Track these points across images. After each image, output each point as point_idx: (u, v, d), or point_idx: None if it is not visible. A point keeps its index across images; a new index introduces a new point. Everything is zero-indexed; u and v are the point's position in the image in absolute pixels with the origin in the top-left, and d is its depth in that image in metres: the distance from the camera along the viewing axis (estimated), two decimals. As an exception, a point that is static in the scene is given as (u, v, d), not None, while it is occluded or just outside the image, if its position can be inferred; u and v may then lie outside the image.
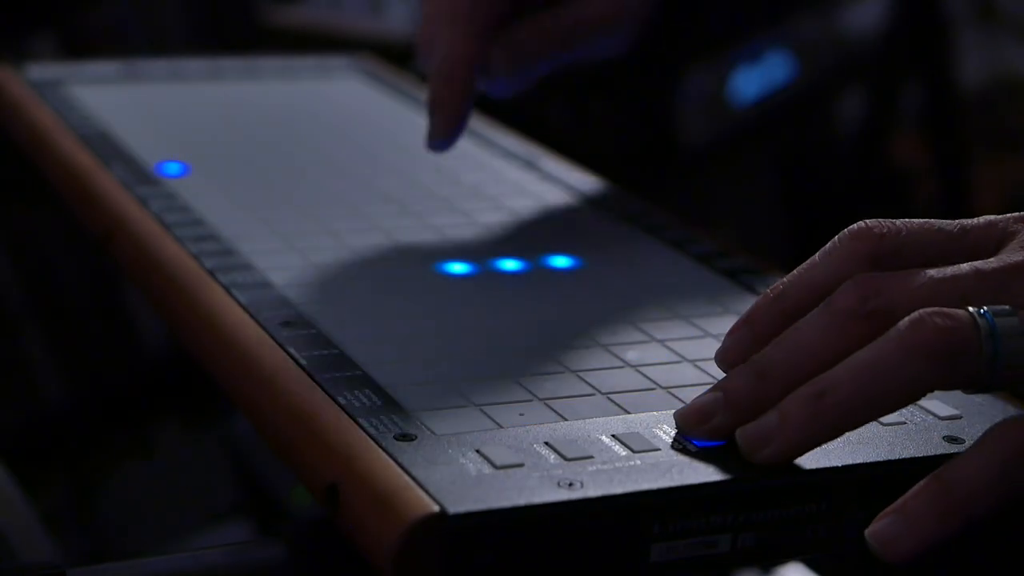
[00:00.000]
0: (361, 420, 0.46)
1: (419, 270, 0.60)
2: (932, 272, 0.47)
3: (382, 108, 0.83)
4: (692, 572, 0.45)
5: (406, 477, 0.43)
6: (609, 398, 0.49)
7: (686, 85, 1.56)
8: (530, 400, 0.49)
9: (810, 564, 0.73)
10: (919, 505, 0.44)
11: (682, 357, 0.53)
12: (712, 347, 0.54)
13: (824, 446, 0.46)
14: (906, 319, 0.44)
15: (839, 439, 0.47)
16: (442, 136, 0.64)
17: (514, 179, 0.72)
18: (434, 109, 0.63)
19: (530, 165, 0.73)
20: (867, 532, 0.44)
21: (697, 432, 0.46)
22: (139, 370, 1.75)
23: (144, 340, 1.73)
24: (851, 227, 0.50)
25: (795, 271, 0.48)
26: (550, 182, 0.71)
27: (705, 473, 0.44)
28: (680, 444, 0.46)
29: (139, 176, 0.68)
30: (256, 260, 0.59)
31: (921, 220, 0.50)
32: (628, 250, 0.64)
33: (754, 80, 1.80)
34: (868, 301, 0.46)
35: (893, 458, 0.46)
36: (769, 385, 0.45)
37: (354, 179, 0.71)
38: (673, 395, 0.50)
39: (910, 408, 0.49)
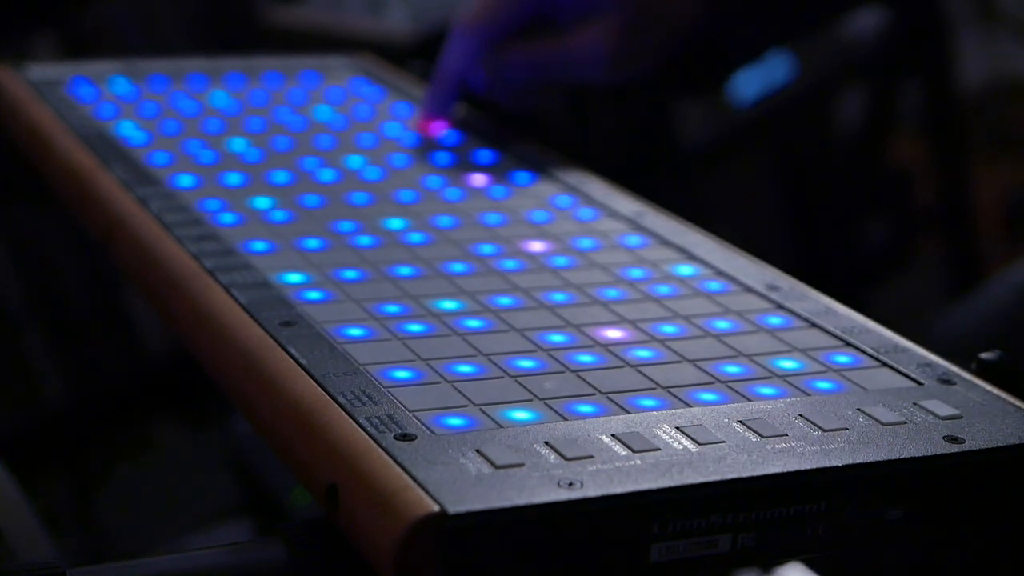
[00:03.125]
0: (361, 420, 0.46)
1: (419, 269, 0.60)
2: None
3: (382, 108, 0.83)
4: (692, 572, 0.45)
5: (406, 477, 0.43)
6: (609, 398, 0.49)
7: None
8: (530, 400, 0.49)
9: (810, 564, 0.73)
10: None
11: (682, 357, 0.53)
12: (712, 347, 0.54)
13: (824, 446, 0.46)
14: None
15: (840, 439, 0.47)
16: (427, 115, 0.79)
17: (515, 179, 0.72)
18: (428, 95, 0.80)
19: (530, 164, 0.73)
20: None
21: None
22: (139, 370, 1.75)
23: (144, 340, 1.73)
24: None
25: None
26: (551, 182, 0.71)
27: (705, 473, 0.44)
28: (680, 444, 0.46)
29: (139, 176, 0.68)
30: (256, 260, 0.59)
31: None
32: (628, 250, 0.64)
33: (754, 81, 1.80)
34: None
35: (893, 458, 0.46)
36: None
37: (354, 179, 0.71)
38: (673, 395, 0.50)
39: (910, 408, 0.50)
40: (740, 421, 0.48)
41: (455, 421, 0.47)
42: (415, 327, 0.54)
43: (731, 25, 0.80)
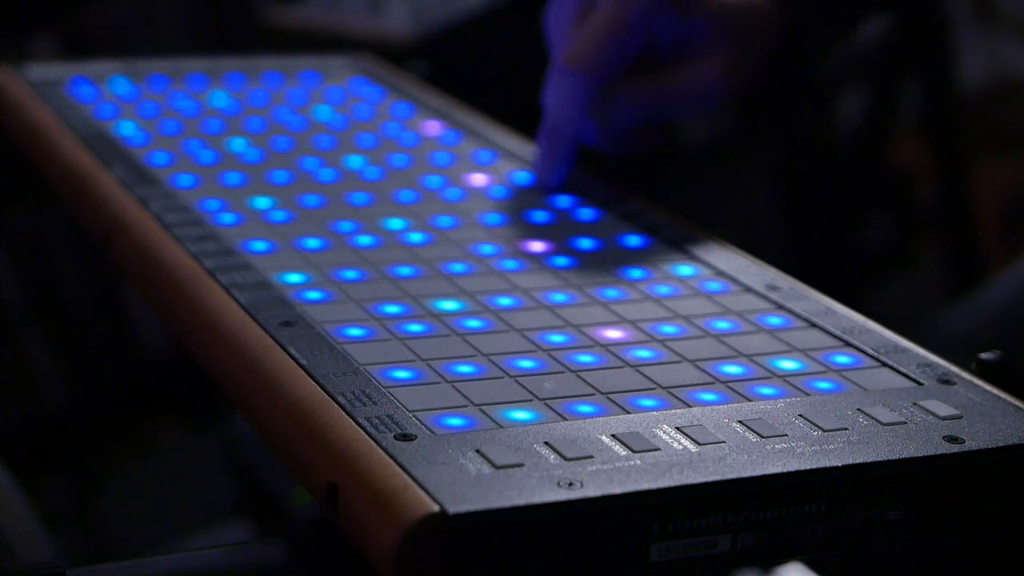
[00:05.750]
0: (361, 420, 0.46)
1: (419, 269, 0.60)
2: None
3: (382, 108, 0.83)
4: (692, 572, 0.45)
5: (406, 477, 0.43)
6: (609, 398, 0.49)
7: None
8: (530, 400, 0.49)
9: (810, 564, 0.73)
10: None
11: (682, 357, 0.53)
12: (712, 347, 0.54)
13: (824, 446, 0.46)
14: None
15: (840, 439, 0.47)
16: (547, 181, 0.70)
17: (515, 179, 0.72)
18: (543, 157, 0.70)
19: (531, 165, 0.73)
20: None
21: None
22: (139, 370, 1.75)
23: (144, 340, 1.73)
24: None
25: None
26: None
27: (705, 473, 0.44)
28: (680, 444, 0.46)
29: (139, 176, 0.69)
30: (256, 260, 0.59)
31: None
32: (628, 250, 0.64)
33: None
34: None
35: (893, 458, 0.46)
36: None
37: (354, 179, 0.71)
38: (673, 395, 0.50)
39: (910, 408, 0.50)
40: (740, 421, 0.48)
41: (455, 421, 0.47)
42: (415, 327, 0.54)
43: (801, 34, 0.76)
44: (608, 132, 0.71)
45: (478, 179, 0.72)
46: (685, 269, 0.62)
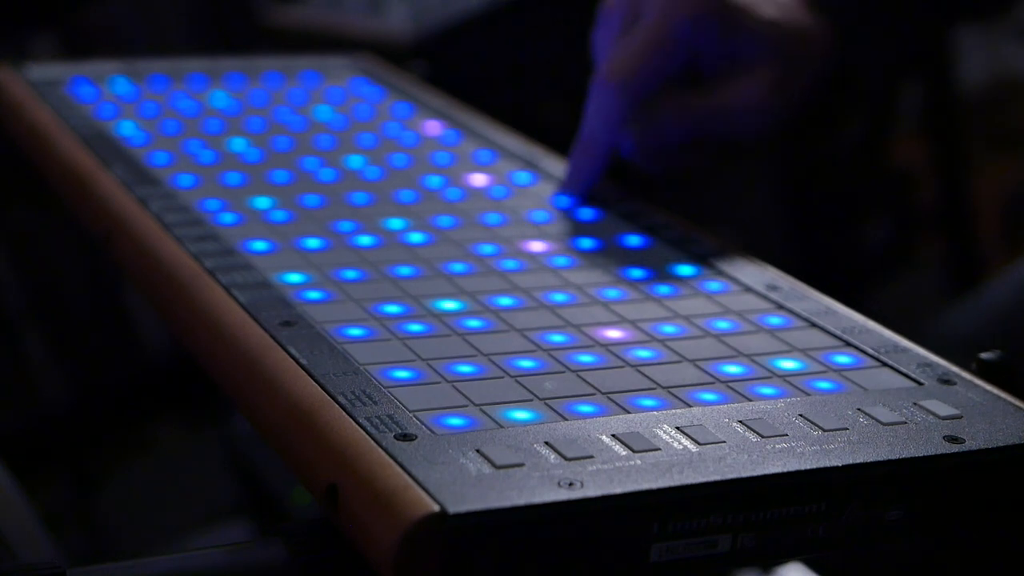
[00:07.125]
0: (361, 420, 0.46)
1: (419, 269, 0.60)
2: None
3: (381, 108, 0.83)
4: (692, 572, 0.45)
5: (406, 477, 0.43)
6: (609, 398, 0.49)
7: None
8: (530, 400, 0.49)
9: (810, 564, 0.73)
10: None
11: (682, 357, 0.53)
12: (712, 347, 0.54)
13: (824, 446, 0.46)
14: None
15: (840, 439, 0.47)
16: (574, 189, 0.70)
17: (515, 179, 0.72)
18: (573, 165, 0.70)
19: (531, 165, 0.73)
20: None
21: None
22: (139, 370, 1.75)
23: (144, 340, 1.73)
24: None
25: None
26: (550, 182, 0.71)
27: (705, 473, 0.44)
28: (680, 444, 0.46)
29: (139, 176, 0.69)
30: (256, 260, 0.59)
31: None
32: (628, 250, 0.64)
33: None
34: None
35: (893, 458, 0.46)
36: None
37: (354, 179, 0.71)
38: (673, 395, 0.50)
39: (910, 408, 0.50)
40: (740, 421, 0.48)
41: (455, 421, 0.47)
42: (415, 327, 0.54)
43: (857, 57, 0.76)
44: (647, 147, 0.71)
45: (478, 179, 0.72)
46: (685, 269, 0.62)
